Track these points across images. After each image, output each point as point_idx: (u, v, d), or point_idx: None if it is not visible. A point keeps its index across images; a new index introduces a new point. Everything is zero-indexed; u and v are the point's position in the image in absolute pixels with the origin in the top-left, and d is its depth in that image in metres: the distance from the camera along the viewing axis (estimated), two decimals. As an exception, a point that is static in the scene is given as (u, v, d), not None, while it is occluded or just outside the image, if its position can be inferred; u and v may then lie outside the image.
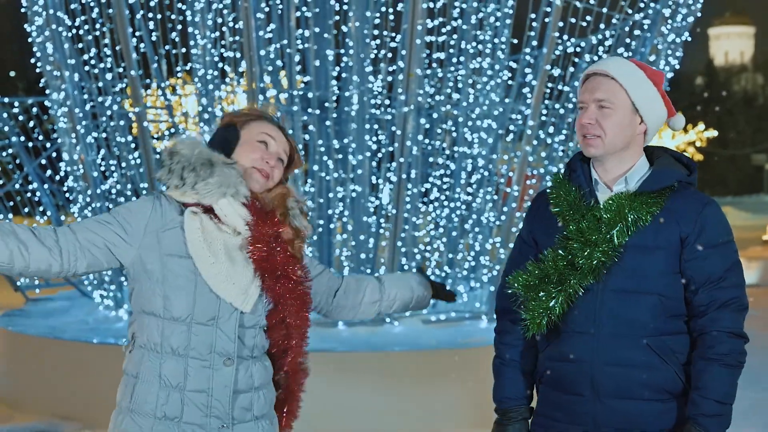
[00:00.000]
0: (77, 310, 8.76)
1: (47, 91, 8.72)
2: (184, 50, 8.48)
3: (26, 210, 10.21)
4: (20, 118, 10.27)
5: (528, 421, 2.79)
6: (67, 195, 10.21)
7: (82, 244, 2.52)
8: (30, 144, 10.20)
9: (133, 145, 8.40)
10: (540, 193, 2.87)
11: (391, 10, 8.18)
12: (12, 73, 34.71)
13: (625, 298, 2.62)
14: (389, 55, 8.28)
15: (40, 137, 10.34)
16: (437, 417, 6.72)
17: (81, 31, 8.19)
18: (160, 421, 2.54)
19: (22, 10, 8.66)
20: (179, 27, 8.47)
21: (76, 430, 6.89)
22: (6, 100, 10.17)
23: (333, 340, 7.11)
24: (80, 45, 8.24)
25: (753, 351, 8.88)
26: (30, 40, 8.70)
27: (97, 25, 8.17)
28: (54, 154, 10.26)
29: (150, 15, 8.49)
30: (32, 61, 8.82)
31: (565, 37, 7.86)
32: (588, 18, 7.78)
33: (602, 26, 7.96)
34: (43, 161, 10.17)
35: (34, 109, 10.31)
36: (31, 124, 10.26)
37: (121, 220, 2.56)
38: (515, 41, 8.08)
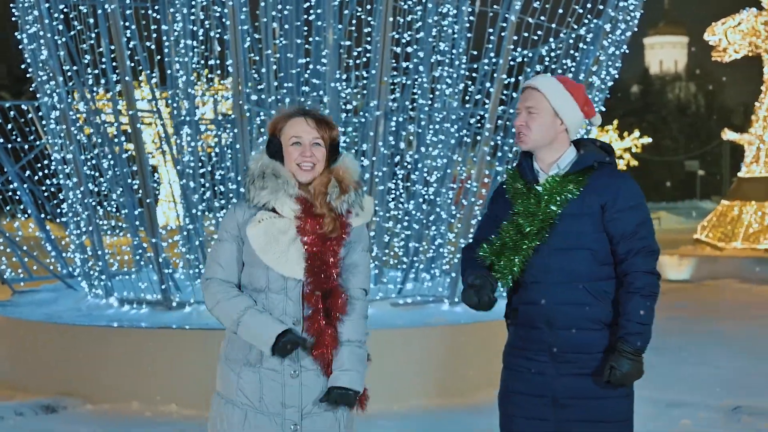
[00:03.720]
0: (66, 300, 9.17)
1: (38, 95, 9.24)
2: (159, 58, 9.11)
3: (8, 208, 10.70)
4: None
5: (489, 279, 3.54)
6: (46, 194, 10.74)
7: (238, 278, 3.38)
8: (9, 146, 10.69)
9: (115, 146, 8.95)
10: (500, 183, 3.80)
11: (355, 22, 8.95)
12: None
13: (564, 254, 3.51)
14: (354, 62, 9.02)
15: (18, 139, 10.83)
16: (404, 389, 7.40)
17: (65, 39, 8.72)
18: (245, 367, 3.34)
19: (14, 19, 9.18)
20: (154, 36, 9.07)
21: (79, 404, 7.30)
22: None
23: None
24: (62, 53, 8.74)
25: (684, 336, 9.84)
26: (21, 47, 9.23)
27: (89, 33, 8.71)
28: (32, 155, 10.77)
29: (130, 25, 9.07)
30: (22, 66, 9.36)
31: (519, 48, 8.69)
32: (539, 32, 8.64)
33: (551, 39, 8.84)
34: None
35: (12, 113, 10.79)
36: (9, 126, 10.75)
37: (226, 235, 3.38)
38: (475, 53, 8.89)
